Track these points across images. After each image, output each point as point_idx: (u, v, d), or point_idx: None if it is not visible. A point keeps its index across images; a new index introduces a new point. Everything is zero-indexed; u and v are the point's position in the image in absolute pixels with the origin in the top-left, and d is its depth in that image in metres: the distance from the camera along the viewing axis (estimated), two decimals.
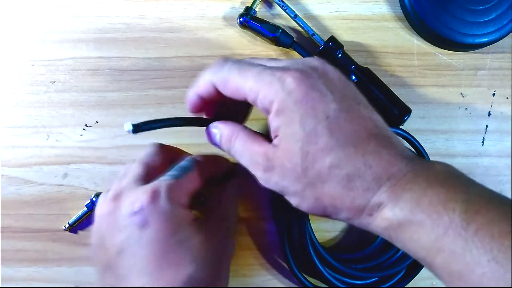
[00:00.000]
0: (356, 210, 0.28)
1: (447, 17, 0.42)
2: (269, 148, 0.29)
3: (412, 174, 0.27)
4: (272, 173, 0.29)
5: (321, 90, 0.28)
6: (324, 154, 0.27)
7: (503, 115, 0.45)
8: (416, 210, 0.26)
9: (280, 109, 0.28)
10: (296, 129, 0.28)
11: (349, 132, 0.28)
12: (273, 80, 0.29)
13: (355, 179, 0.27)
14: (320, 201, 0.28)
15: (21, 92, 0.43)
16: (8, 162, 0.43)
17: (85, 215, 0.42)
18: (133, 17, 0.44)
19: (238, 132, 0.32)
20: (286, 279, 0.43)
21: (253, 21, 0.42)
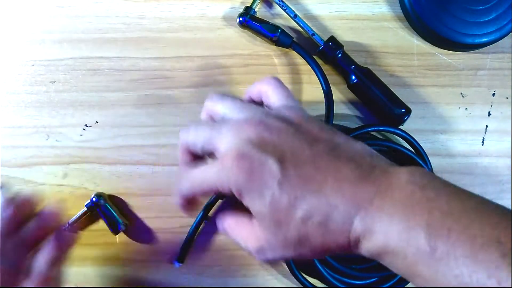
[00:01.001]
0: (344, 248, 0.28)
1: (447, 17, 0.42)
2: (252, 230, 0.30)
3: (378, 200, 0.27)
4: (264, 252, 0.30)
5: (260, 159, 0.29)
6: (292, 213, 0.28)
7: (503, 115, 0.45)
8: (388, 240, 0.26)
9: (238, 192, 0.29)
10: (259, 205, 0.29)
11: (303, 184, 0.28)
12: (219, 171, 0.30)
13: (329, 223, 0.28)
14: (315, 252, 0.29)
15: (21, 92, 0.43)
16: (8, 162, 0.43)
17: (85, 215, 0.42)
18: (133, 17, 0.44)
19: (226, 220, 0.33)
20: (285, 279, 0.43)
21: (253, 21, 0.42)
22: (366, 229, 0.27)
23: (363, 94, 0.43)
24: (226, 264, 0.43)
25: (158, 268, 0.43)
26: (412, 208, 0.26)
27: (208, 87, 0.44)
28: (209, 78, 0.44)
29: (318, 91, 0.43)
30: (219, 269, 0.43)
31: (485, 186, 0.45)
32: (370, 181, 0.28)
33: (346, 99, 0.44)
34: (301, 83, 0.44)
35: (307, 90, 0.44)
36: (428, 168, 0.41)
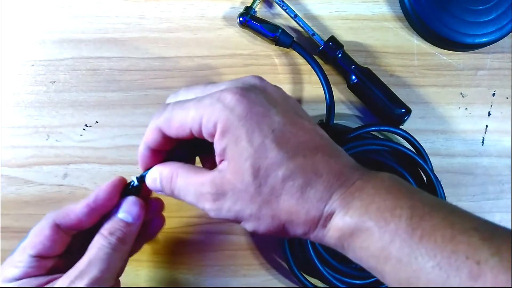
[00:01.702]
0: (311, 223, 0.27)
1: (447, 17, 0.42)
2: (215, 175, 0.29)
3: (361, 182, 0.27)
4: (223, 201, 0.28)
5: (263, 105, 0.28)
6: (276, 168, 0.27)
7: (503, 115, 0.45)
8: (365, 218, 0.26)
9: (224, 128, 0.27)
10: (244, 146, 0.27)
11: (297, 144, 0.28)
12: (213, 102, 0.28)
13: (308, 189, 0.27)
14: (276, 219, 0.28)
15: (21, 92, 0.43)
16: (8, 162, 0.43)
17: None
18: (133, 17, 0.44)
19: (177, 170, 0.31)
20: (286, 279, 0.43)
21: (253, 21, 0.42)
22: (343, 205, 0.27)
23: (363, 94, 0.43)
24: (226, 264, 0.43)
25: (157, 268, 0.43)
26: (395, 193, 0.27)
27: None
28: (209, 78, 0.44)
29: (318, 91, 0.43)
30: (219, 269, 0.43)
31: (485, 186, 0.45)
32: (355, 168, 0.29)
33: (346, 99, 0.44)
34: (302, 83, 0.44)
35: (308, 90, 0.44)
36: (429, 168, 0.41)
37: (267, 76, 0.43)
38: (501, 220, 0.44)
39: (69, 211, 0.33)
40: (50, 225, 0.32)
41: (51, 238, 0.32)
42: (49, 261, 0.33)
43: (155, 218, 0.38)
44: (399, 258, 0.25)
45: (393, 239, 0.25)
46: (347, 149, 0.40)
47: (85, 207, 0.33)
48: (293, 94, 0.44)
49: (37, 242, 0.32)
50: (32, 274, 0.32)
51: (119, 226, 0.32)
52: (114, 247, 0.31)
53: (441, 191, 0.41)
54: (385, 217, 0.25)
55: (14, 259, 0.32)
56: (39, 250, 0.32)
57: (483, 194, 0.45)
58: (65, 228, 0.33)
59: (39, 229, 0.33)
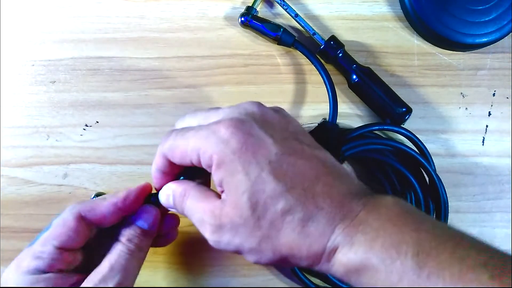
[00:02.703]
0: (314, 257, 0.27)
1: (447, 17, 0.43)
2: (216, 205, 0.28)
3: (364, 213, 0.27)
4: (222, 233, 0.28)
5: (258, 135, 0.28)
6: (274, 201, 0.26)
7: (503, 115, 0.45)
8: (370, 255, 0.25)
9: (219, 161, 0.27)
10: (240, 179, 0.27)
11: (296, 174, 0.27)
12: (209, 134, 0.28)
13: (309, 223, 0.26)
14: (278, 253, 0.27)
15: (21, 92, 0.43)
16: (8, 162, 0.43)
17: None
18: (133, 17, 0.44)
19: (190, 190, 0.31)
20: (287, 279, 0.43)
21: (255, 21, 0.42)
22: (347, 240, 0.26)
23: (364, 93, 0.43)
24: (226, 264, 0.43)
25: (157, 268, 0.43)
26: (399, 226, 0.26)
27: (208, 87, 0.44)
28: (209, 78, 0.44)
29: (319, 90, 0.43)
30: (219, 269, 0.43)
31: (485, 186, 0.45)
32: (358, 197, 0.28)
33: (347, 98, 0.44)
34: (304, 82, 0.44)
35: (309, 90, 0.44)
36: (432, 169, 0.41)
37: (268, 76, 0.44)
38: (501, 220, 0.44)
39: (95, 206, 0.33)
40: (75, 216, 0.32)
41: (76, 229, 0.32)
42: (70, 255, 0.32)
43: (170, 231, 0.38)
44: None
45: (401, 278, 0.24)
46: (350, 149, 0.40)
47: (113, 206, 0.33)
48: (294, 94, 0.44)
49: (62, 233, 0.32)
50: (56, 267, 0.31)
51: (137, 233, 0.33)
52: (132, 254, 0.32)
53: (443, 191, 0.41)
54: (390, 254, 0.25)
55: (35, 249, 0.32)
56: (63, 241, 0.32)
57: (483, 194, 0.45)
58: (88, 222, 0.33)
59: (63, 220, 0.32)
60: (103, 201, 0.33)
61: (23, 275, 0.31)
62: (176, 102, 0.44)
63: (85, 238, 0.33)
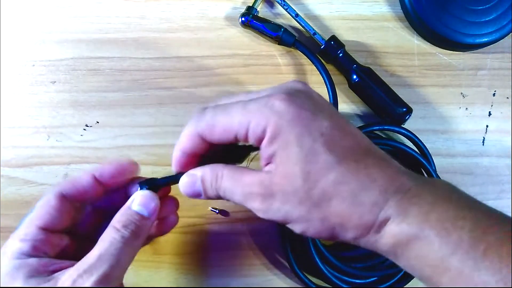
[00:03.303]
0: (364, 227, 0.27)
1: (447, 17, 0.43)
2: (264, 176, 0.28)
3: (417, 188, 0.27)
4: (272, 201, 0.28)
5: (311, 109, 0.28)
6: (327, 172, 0.27)
7: (503, 115, 0.45)
8: (425, 226, 0.25)
9: (275, 132, 0.27)
10: (294, 151, 0.27)
11: (347, 148, 0.27)
12: (261, 107, 0.28)
13: (362, 193, 0.26)
14: (327, 222, 0.27)
15: (22, 92, 0.43)
16: (8, 162, 0.43)
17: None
18: (133, 17, 0.44)
19: (222, 170, 0.30)
20: (287, 278, 0.43)
21: (255, 21, 0.42)
22: (400, 211, 0.26)
23: (365, 93, 0.43)
24: (226, 264, 0.43)
25: (157, 268, 0.43)
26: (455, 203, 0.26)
27: (208, 87, 0.44)
28: (209, 78, 0.44)
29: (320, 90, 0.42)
30: (219, 269, 0.43)
31: (485, 186, 0.45)
32: (408, 174, 0.28)
33: (347, 98, 0.44)
34: None
35: None
36: (432, 169, 0.41)
37: (268, 76, 0.44)
38: None
39: (74, 181, 0.33)
40: (56, 195, 0.32)
41: (57, 208, 0.32)
42: (56, 237, 0.32)
43: (169, 216, 0.37)
44: (460, 270, 0.24)
45: (455, 251, 0.24)
46: None
47: (90, 177, 0.33)
48: None
49: (43, 213, 0.31)
50: (41, 249, 0.31)
51: (134, 219, 0.31)
52: (126, 242, 0.30)
53: None
54: (446, 227, 0.24)
55: (20, 232, 0.31)
56: (46, 221, 0.31)
57: (483, 194, 0.45)
58: (71, 198, 0.32)
59: (45, 201, 0.32)
60: (82, 175, 0.33)
61: (9, 259, 0.30)
62: (176, 102, 0.43)
63: (70, 218, 0.33)
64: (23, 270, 0.29)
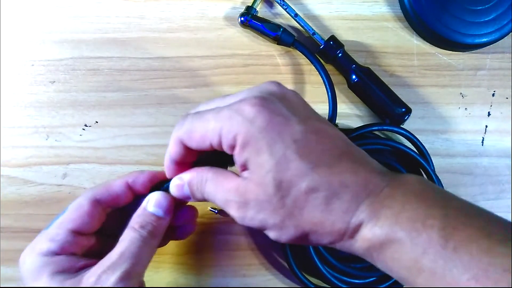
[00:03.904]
0: (337, 234, 0.27)
1: (447, 17, 0.43)
2: (240, 183, 0.28)
3: (389, 189, 0.27)
4: (246, 209, 0.28)
5: (283, 114, 0.27)
6: (299, 179, 0.26)
7: (502, 115, 0.45)
8: (395, 228, 0.25)
9: (245, 140, 0.27)
10: (265, 159, 0.27)
11: (320, 153, 0.27)
12: (232, 114, 0.27)
13: (334, 201, 0.26)
14: (300, 230, 0.27)
15: (21, 92, 0.43)
16: (8, 162, 0.43)
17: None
18: (133, 17, 0.44)
19: (206, 174, 0.30)
20: (286, 279, 0.43)
21: (254, 20, 0.42)
22: (372, 215, 0.26)
23: (364, 94, 0.43)
24: (226, 264, 0.43)
25: (157, 268, 0.43)
26: (426, 201, 0.26)
27: (208, 87, 0.44)
28: (209, 78, 0.44)
29: (319, 91, 0.43)
30: (219, 269, 0.43)
31: (485, 186, 0.45)
32: (382, 174, 0.28)
33: (346, 98, 0.44)
34: (303, 83, 0.44)
35: (309, 90, 0.44)
36: (431, 169, 0.41)
37: (268, 76, 0.44)
38: None
39: (108, 187, 0.34)
40: (89, 200, 0.33)
41: (90, 213, 0.32)
42: (84, 239, 0.33)
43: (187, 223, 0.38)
44: (432, 270, 0.24)
45: (426, 251, 0.24)
46: None
47: (124, 185, 0.34)
48: None
49: (76, 217, 0.32)
50: (68, 250, 0.32)
51: (150, 220, 0.32)
52: (145, 241, 0.31)
53: None
54: (416, 228, 0.25)
55: (50, 233, 0.32)
56: (78, 225, 0.32)
57: (483, 194, 0.45)
58: (103, 204, 0.33)
59: (78, 204, 0.33)
60: (115, 181, 0.34)
61: (37, 256, 0.31)
62: (176, 102, 0.44)
63: (100, 222, 0.34)
64: (49, 267, 0.30)
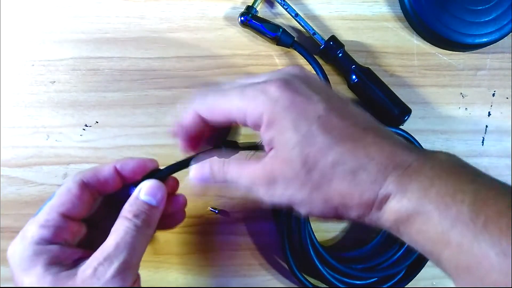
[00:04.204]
0: (365, 206, 0.27)
1: (447, 17, 0.43)
2: (266, 163, 0.29)
3: (418, 164, 0.27)
4: (275, 186, 0.28)
5: (306, 94, 0.28)
6: (325, 153, 0.27)
7: (503, 115, 0.45)
8: (424, 201, 0.25)
9: (270, 119, 0.28)
10: (290, 135, 0.27)
11: (344, 128, 0.28)
12: (257, 94, 0.28)
13: (360, 172, 0.27)
14: (329, 203, 0.28)
15: (21, 92, 0.43)
16: (8, 162, 0.43)
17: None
18: (133, 17, 0.44)
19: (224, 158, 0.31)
20: (286, 279, 0.43)
21: (254, 20, 0.42)
22: (400, 187, 0.26)
23: (364, 94, 0.43)
24: (226, 264, 0.43)
25: (157, 268, 0.43)
26: (455, 176, 0.26)
27: (207, 87, 0.44)
28: (209, 78, 0.44)
29: None
30: (219, 269, 0.43)
31: None
32: (409, 149, 0.28)
33: None
34: None
35: None
36: None
37: None
38: None
39: (96, 172, 0.33)
40: (78, 183, 0.32)
41: (79, 196, 0.32)
42: (75, 225, 0.32)
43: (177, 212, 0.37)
44: (460, 243, 0.24)
45: (455, 224, 0.24)
46: None
47: (112, 169, 0.33)
48: None
49: (66, 200, 0.31)
50: (61, 236, 0.31)
51: (143, 209, 0.32)
52: (139, 230, 0.31)
53: None
54: (445, 201, 0.24)
55: (40, 218, 0.31)
56: (68, 208, 0.31)
57: None
58: (91, 189, 0.33)
59: (66, 188, 0.32)
60: (103, 166, 0.33)
61: (29, 245, 0.30)
62: (176, 102, 0.43)
63: (89, 207, 0.33)
64: (43, 256, 0.29)
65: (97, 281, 0.28)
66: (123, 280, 0.29)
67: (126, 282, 0.29)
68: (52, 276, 0.29)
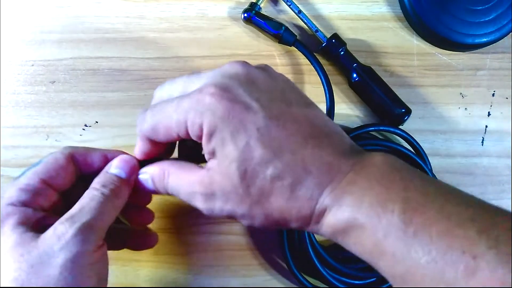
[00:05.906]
0: (303, 220, 0.27)
1: (446, 17, 0.42)
2: (204, 175, 0.28)
3: (353, 174, 0.27)
4: (213, 201, 0.28)
5: (245, 101, 0.27)
6: (263, 168, 0.27)
7: (502, 115, 0.45)
8: (357, 214, 0.25)
9: (210, 131, 0.27)
10: (229, 149, 0.27)
11: (284, 139, 0.27)
12: (193, 105, 0.27)
13: (298, 188, 0.27)
14: (270, 217, 0.28)
15: (21, 92, 0.43)
16: (8, 162, 0.43)
17: None
18: (133, 17, 0.44)
19: (168, 168, 0.31)
20: (285, 279, 0.43)
21: (257, 17, 0.42)
22: (335, 201, 0.26)
23: (364, 93, 0.43)
24: (226, 264, 0.43)
25: (157, 268, 0.43)
26: (387, 185, 0.26)
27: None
28: None
29: (318, 91, 0.43)
30: (219, 269, 0.43)
31: (485, 186, 0.45)
32: (347, 157, 0.28)
33: (346, 98, 0.44)
34: (303, 83, 0.44)
35: (308, 90, 0.44)
36: (428, 169, 0.41)
37: None
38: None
39: (87, 152, 0.33)
40: (67, 155, 0.32)
41: (65, 168, 0.32)
42: (54, 195, 0.32)
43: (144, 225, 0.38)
44: (393, 253, 0.24)
45: (387, 235, 0.24)
46: None
47: (103, 156, 0.33)
48: None
49: (50, 169, 0.31)
50: (38, 202, 0.31)
51: (112, 180, 0.31)
52: (106, 197, 0.30)
53: None
54: (377, 213, 0.25)
55: (21, 182, 0.31)
56: (51, 176, 0.31)
57: (483, 195, 0.45)
58: (77, 165, 0.33)
59: (54, 157, 0.32)
60: (96, 150, 0.34)
61: (4, 206, 0.30)
62: None
63: (70, 182, 0.33)
64: (14, 217, 0.29)
65: (57, 241, 0.28)
66: (84, 242, 0.28)
67: (87, 244, 0.28)
68: (17, 235, 0.28)
